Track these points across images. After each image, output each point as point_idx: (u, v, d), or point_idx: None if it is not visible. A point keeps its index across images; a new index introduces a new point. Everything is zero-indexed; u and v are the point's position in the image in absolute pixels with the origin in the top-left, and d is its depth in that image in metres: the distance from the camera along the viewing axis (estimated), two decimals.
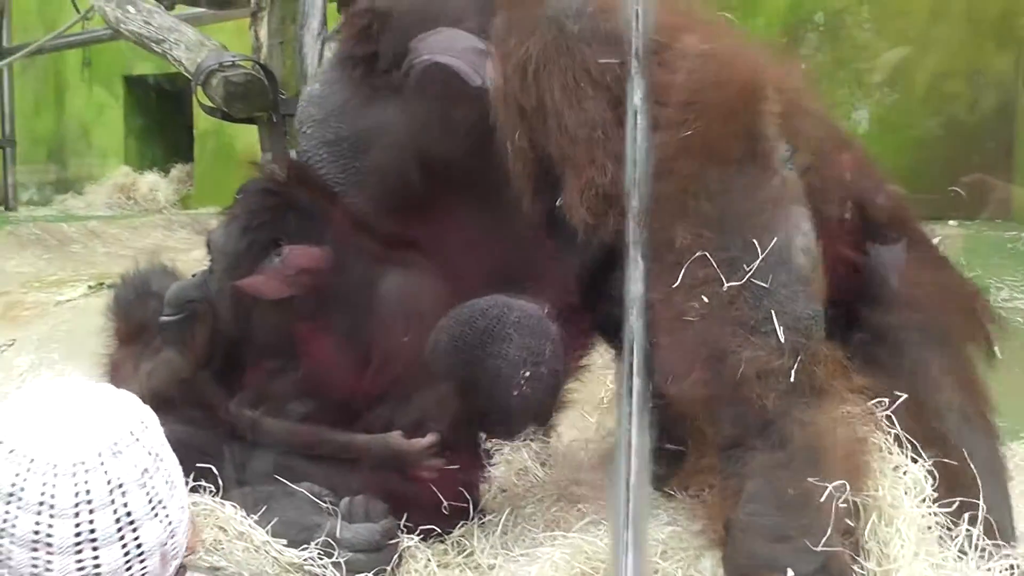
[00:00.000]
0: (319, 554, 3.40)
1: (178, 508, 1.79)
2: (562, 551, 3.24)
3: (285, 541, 3.46)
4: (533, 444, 4.11)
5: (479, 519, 3.68)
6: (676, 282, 3.06)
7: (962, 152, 7.98)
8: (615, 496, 2.56)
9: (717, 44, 3.41)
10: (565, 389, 3.88)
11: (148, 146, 13.67)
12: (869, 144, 8.07)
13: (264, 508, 3.55)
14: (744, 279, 3.02)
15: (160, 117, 13.54)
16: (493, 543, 3.53)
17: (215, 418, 3.81)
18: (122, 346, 4.24)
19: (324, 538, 3.41)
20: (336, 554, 3.39)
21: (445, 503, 3.59)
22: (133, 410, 1.79)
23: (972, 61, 8.19)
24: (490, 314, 3.62)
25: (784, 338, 3.00)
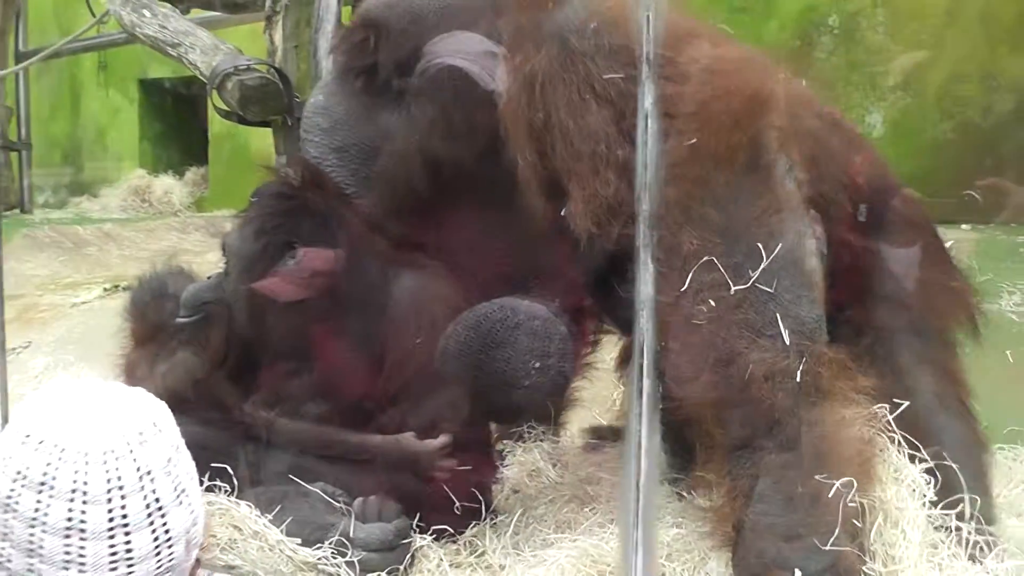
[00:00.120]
0: (333, 553, 3.42)
1: (198, 498, 1.83)
2: (568, 553, 3.27)
3: (299, 540, 3.48)
4: (545, 444, 4.12)
5: (491, 519, 3.69)
6: (684, 286, 3.10)
7: (976, 156, 7.93)
8: (625, 496, 2.59)
9: (722, 56, 3.45)
10: (573, 388, 3.92)
11: (163, 149, 13.63)
12: (883, 147, 8.10)
13: (278, 507, 3.57)
14: (750, 283, 3.06)
15: (175, 120, 13.52)
16: (504, 543, 3.54)
17: (230, 418, 3.83)
18: (138, 347, 4.27)
19: (338, 537, 3.43)
20: (350, 553, 3.41)
21: (457, 503, 3.61)
22: (152, 404, 1.82)
23: (986, 64, 8.14)
24: (496, 317, 3.64)
25: (790, 341, 3.03)
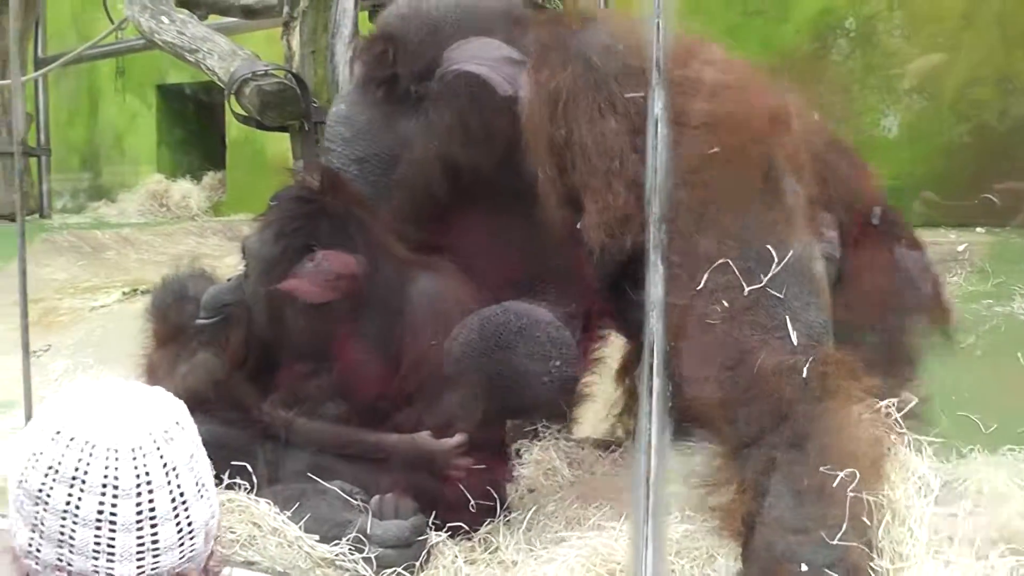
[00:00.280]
0: (350, 550, 3.46)
1: (214, 492, 1.90)
2: (578, 551, 3.31)
3: (317, 537, 3.52)
4: (560, 443, 4.15)
5: (505, 517, 3.73)
6: (700, 285, 3.17)
7: (992, 159, 7.89)
8: (635, 493, 2.64)
9: (740, 76, 3.57)
10: (581, 387, 3.97)
11: (180, 154, 13.63)
12: (898, 150, 8.13)
13: (297, 505, 3.62)
14: (763, 283, 3.13)
15: (192, 125, 13.55)
16: (517, 540, 3.58)
17: (249, 418, 3.88)
18: (160, 347, 4.31)
19: (355, 534, 3.48)
20: (367, 550, 3.45)
21: (472, 501, 3.64)
22: (173, 403, 1.89)
23: (1002, 68, 8.10)
24: (499, 320, 3.70)
25: (798, 342, 3.10)
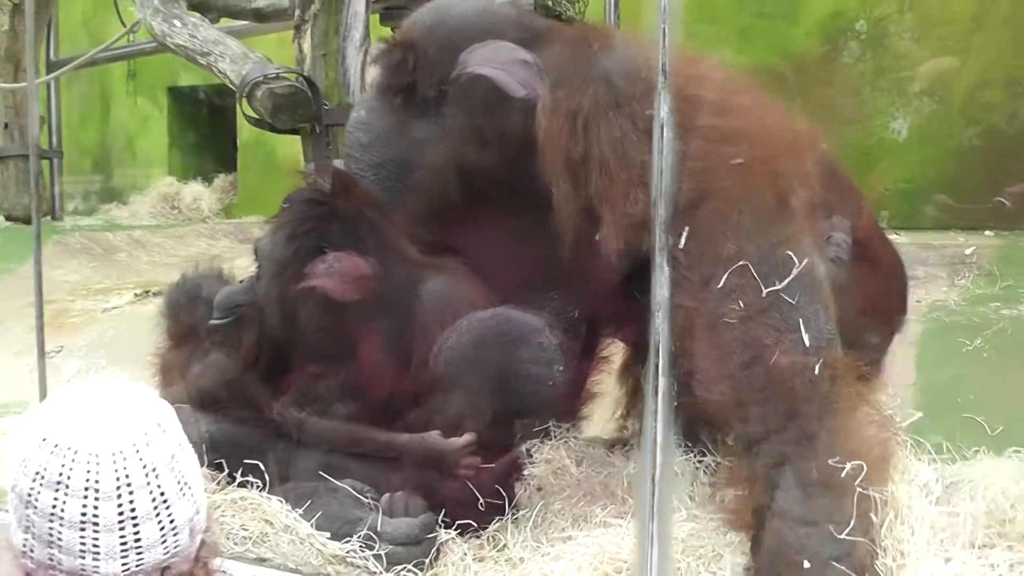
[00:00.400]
0: (361, 546, 3.49)
1: (200, 490, 1.95)
2: (585, 549, 3.34)
3: (328, 534, 3.55)
4: (570, 442, 4.16)
5: (513, 515, 3.74)
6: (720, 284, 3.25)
7: (1001, 162, 7.89)
8: (641, 491, 2.67)
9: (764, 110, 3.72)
10: (580, 390, 4.01)
11: (191, 156, 13.63)
12: (908, 153, 8.14)
13: (309, 503, 3.64)
14: (783, 284, 3.21)
15: (204, 128, 13.55)
16: (525, 538, 3.58)
17: (262, 417, 3.91)
18: (173, 347, 4.37)
19: (366, 531, 3.50)
20: (377, 547, 3.47)
21: (481, 499, 3.66)
22: (156, 405, 1.94)
23: (1012, 70, 8.09)
24: (488, 325, 3.75)
25: (809, 344, 3.16)
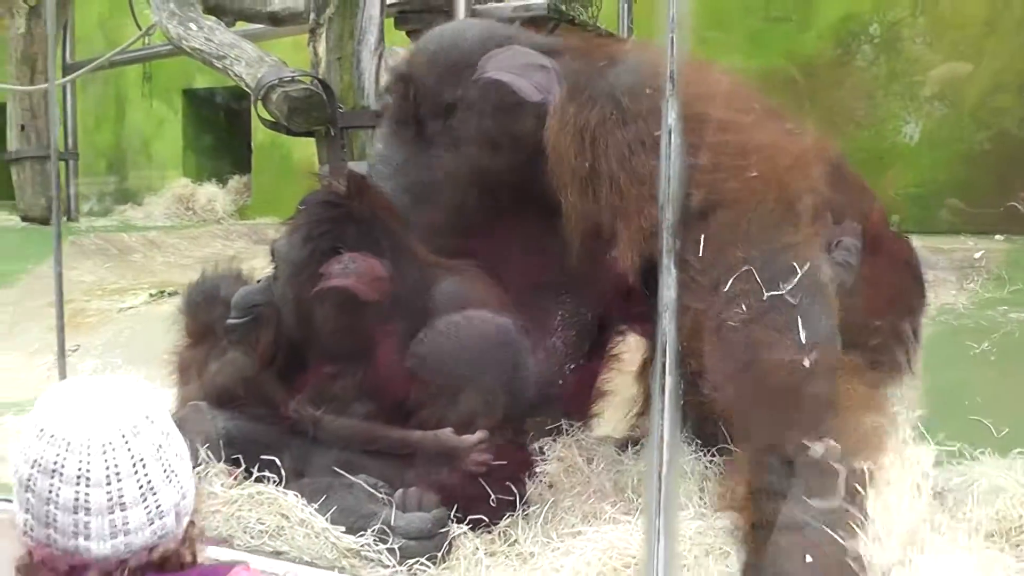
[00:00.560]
0: (375, 540, 3.53)
1: (187, 476, 2.07)
2: (595, 544, 3.38)
3: (343, 528, 3.59)
4: (582, 441, 4.20)
5: (524, 511, 3.77)
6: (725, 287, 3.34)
7: (1012, 167, 7.93)
8: (649, 487, 2.73)
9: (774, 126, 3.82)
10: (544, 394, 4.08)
11: (206, 158, 13.71)
12: (919, 157, 8.16)
13: (324, 497, 3.67)
14: (788, 288, 3.30)
15: (218, 130, 13.62)
16: (536, 533, 3.63)
17: (278, 414, 3.96)
18: (191, 346, 4.41)
19: (380, 526, 3.54)
20: (391, 541, 3.51)
21: (492, 495, 3.71)
22: (145, 398, 2.06)
23: (1022, 74, 8.19)
24: (461, 326, 3.83)
25: (806, 341, 3.24)
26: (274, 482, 3.80)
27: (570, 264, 3.97)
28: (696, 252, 3.35)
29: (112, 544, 1.95)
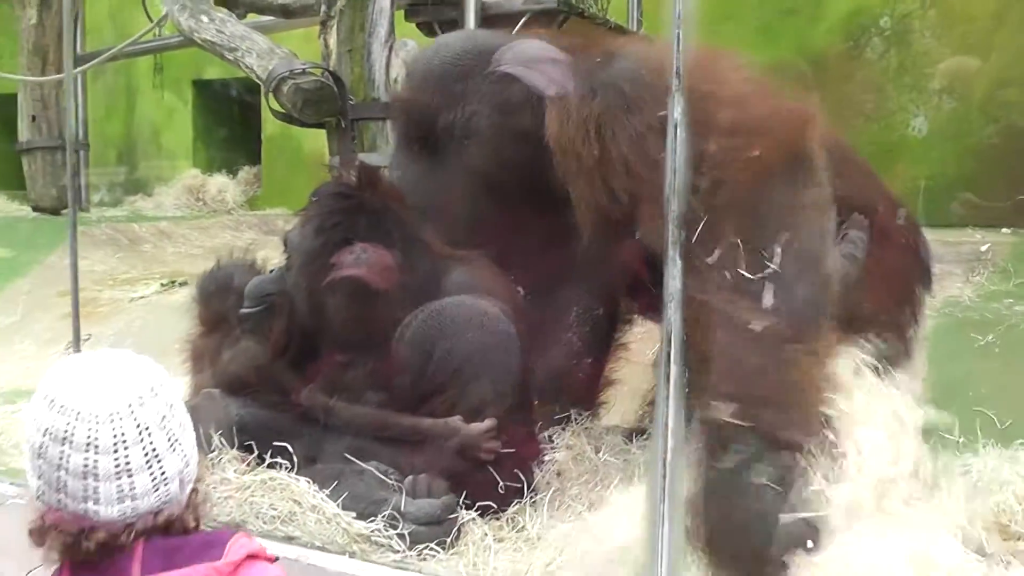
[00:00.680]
0: (385, 526, 3.58)
1: (190, 446, 2.16)
2: (600, 528, 3.45)
3: (354, 514, 3.64)
4: (591, 430, 4.24)
5: (532, 498, 3.82)
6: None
7: (1021, 161, 7.85)
8: (653, 473, 2.79)
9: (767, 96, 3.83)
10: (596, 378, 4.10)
11: (216, 149, 13.69)
12: (927, 150, 8.16)
13: (335, 484, 3.73)
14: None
15: (228, 121, 13.58)
16: (543, 520, 3.68)
17: (290, 402, 4.01)
18: (205, 334, 4.47)
19: (390, 511, 3.59)
20: (401, 526, 3.57)
21: (501, 483, 3.76)
22: (151, 371, 2.15)
23: None
24: (445, 312, 3.87)
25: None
26: (286, 468, 3.85)
27: (579, 255, 4.02)
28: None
29: (119, 508, 2.04)
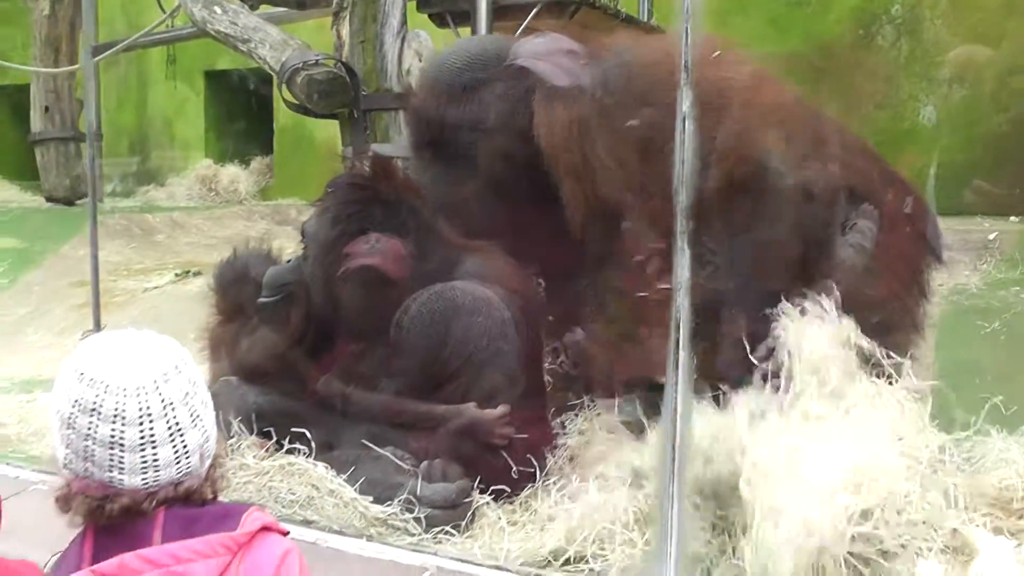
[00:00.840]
0: (401, 509, 3.65)
1: (210, 422, 2.26)
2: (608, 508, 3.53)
3: (371, 498, 3.71)
4: (604, 416, 4.24)
5: (544, 482, 3.87)
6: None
7: None
8: (663, 455, 2.85)
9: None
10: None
11: (228, 139, 13.76)
12: (937, 139, 8.19)
13: (352, 469, 3.79)
14: None
15: (240, 111, 13.62)
16: (555, 502, 3.71)
17: (308, 389, 4.06)
18: (222, 323, 4.52)
19: (406, 495, 3.66)
20: (416, 510, 3.64)
21: (514, 467, 3.82)
22: (175, 351, 2.24)
23: None
24: (444, 296, 3.94)
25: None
26: (304, 454, 3.91)
27: (587, 244, 4.11)
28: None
29: (142, 478, 2.14)
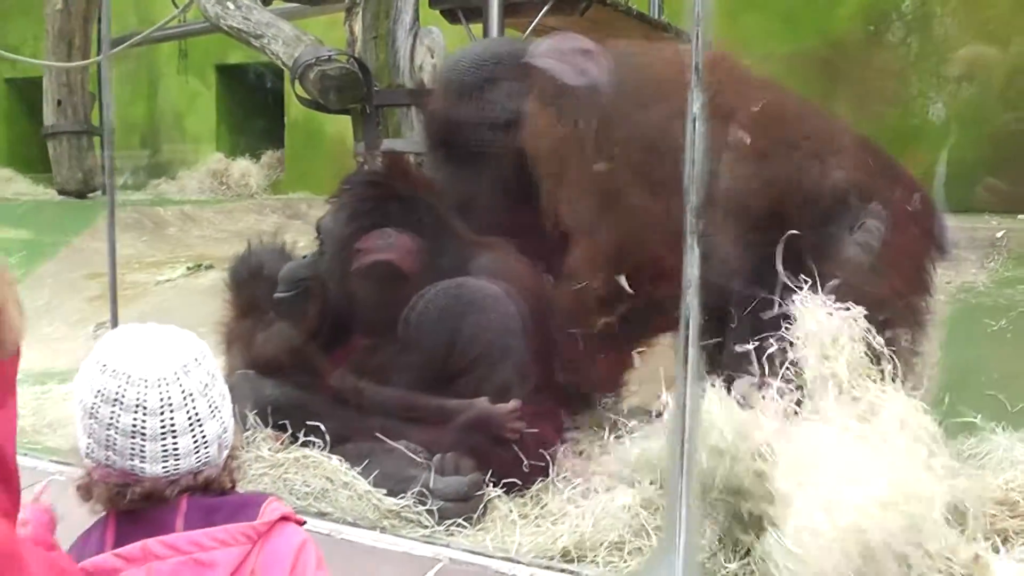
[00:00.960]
0: (414, 502, 3.69)
1: (228, 413, 2.33)
2: (619, 505, 3.59)
3: (384, 490, 3.75)
4: (615, 412, 4.32)
5: (555, 476, 3.92)
6: None
7: None
8: (672, 451, 2.89)
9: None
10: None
11: (239, 133, 13.82)
12: (946, 137, 8.20)
13: (366, 462, 3.83)
14: None
15: (252, 105, 13.69)
16: (566, 497, 3.77)
17: (323, 383, 4.10)
18: (238, 318, 4.56)
19: (419, 488, 3.70)
20: (429, 503, 3.68)
21: (525, 461, 3.86)
22: (195, 344, 2.31)
23: None
24: (451, 292, 3.98)
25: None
26: (319, 447, 3.95)
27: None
28: None
29: (163, 466, 2.20)
